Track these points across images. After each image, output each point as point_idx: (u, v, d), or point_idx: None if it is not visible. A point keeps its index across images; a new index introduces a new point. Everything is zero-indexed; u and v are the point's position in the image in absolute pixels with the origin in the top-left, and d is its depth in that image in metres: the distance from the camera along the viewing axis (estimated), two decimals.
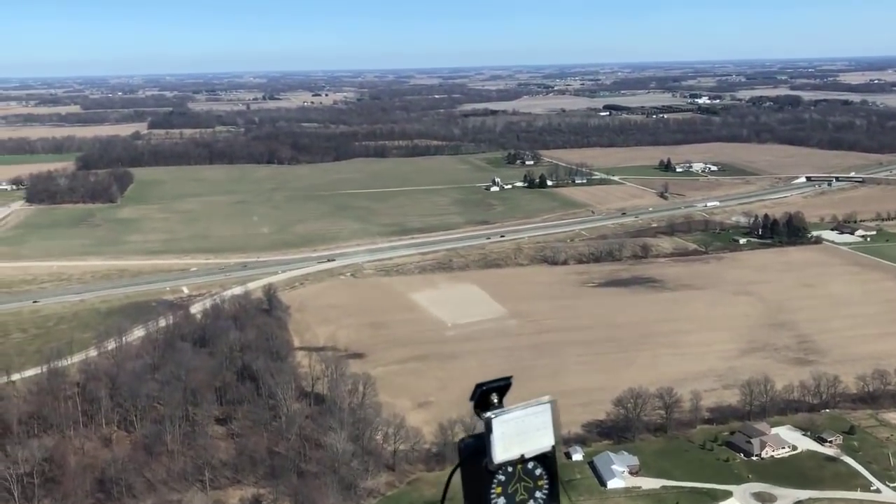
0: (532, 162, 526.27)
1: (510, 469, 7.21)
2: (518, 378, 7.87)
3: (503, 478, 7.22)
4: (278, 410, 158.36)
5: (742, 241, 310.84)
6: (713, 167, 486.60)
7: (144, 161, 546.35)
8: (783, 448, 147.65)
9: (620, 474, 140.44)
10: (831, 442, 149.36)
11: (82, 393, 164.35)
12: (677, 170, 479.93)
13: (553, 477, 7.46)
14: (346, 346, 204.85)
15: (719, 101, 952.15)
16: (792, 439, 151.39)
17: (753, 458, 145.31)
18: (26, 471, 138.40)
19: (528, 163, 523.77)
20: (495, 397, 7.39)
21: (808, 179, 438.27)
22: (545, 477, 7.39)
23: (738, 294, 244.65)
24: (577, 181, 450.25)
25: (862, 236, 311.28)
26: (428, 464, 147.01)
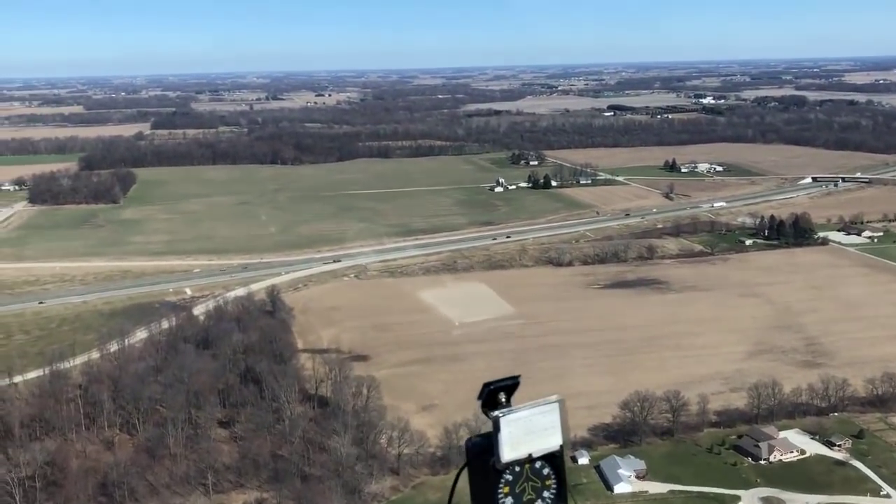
0: (536, 162, 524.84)
1: (518, 468, 7.09)
2: (524, 380, 7.73)
3: (511, 477, 7.09)
4: (282, 413, 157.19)
5: (748, 243, 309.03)
6: (718, 168, 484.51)
7: (147, 161, 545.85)
8: (791, 452, 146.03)
9: (627, 479, 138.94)
10: (840, 446, 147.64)
11: (84, 395, 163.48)
12: (682, 170, 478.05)
13: (561, 477, 7.37)
14: (350, 349, 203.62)
15: (724, 102, 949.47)
16: (800, 443, 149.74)
17: (761, 463, 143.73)
18: (28, 474, 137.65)
19: (533, 163, 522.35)
20: (503, 396, 7.28)
21: (814, 180, 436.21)
22: (553, 477, 7.29)
23: (745, 296, 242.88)
24: (582, 182, 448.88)
25: (869, 237, 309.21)
26: (433, 468, 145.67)
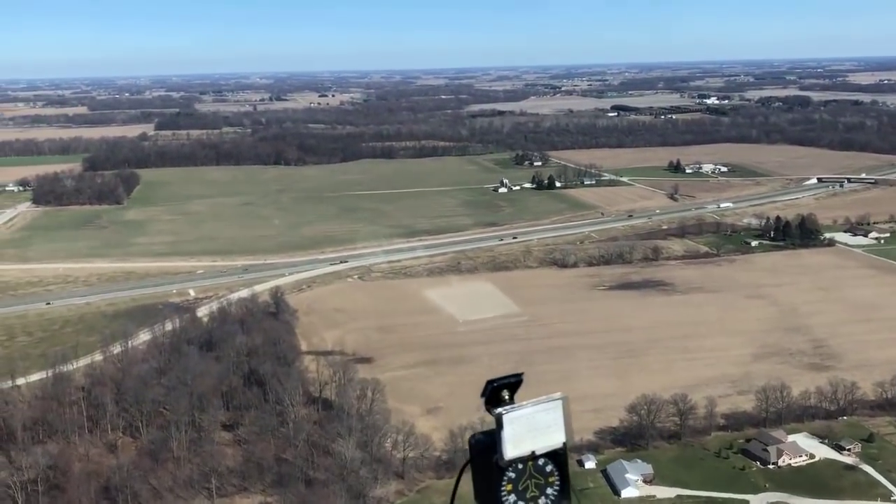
0: (540, 163, 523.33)
1: (521, 466, 7.06)
2: (529, 383, 7.52)
3: (514, 475, 7.06)
4: (286, 416, 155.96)
5: (754, 244, 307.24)
6: (723, 168, 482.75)
7: (151, 162, 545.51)
8: (800, 456, 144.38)
9: (634, 483, 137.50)
10: (850, 450, 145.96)
11: (87, 398, 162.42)
12: (687, 171, 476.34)
13: (564, 474, 7.30)
14: (354, 351, 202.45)
15: (728, 102, 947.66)
16: (809, 447, 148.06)
17: (770, 467, 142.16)
18: (31, 477, 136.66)
19: (536, 164, 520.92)
20: (506, 394, 7.20)
21: (820, 181, 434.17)
22: (556, 474, 7.24)
23: (751, 297, 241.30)
24: (586, 182, 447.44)
25: (876, 238, 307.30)
26: (438, 471, 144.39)
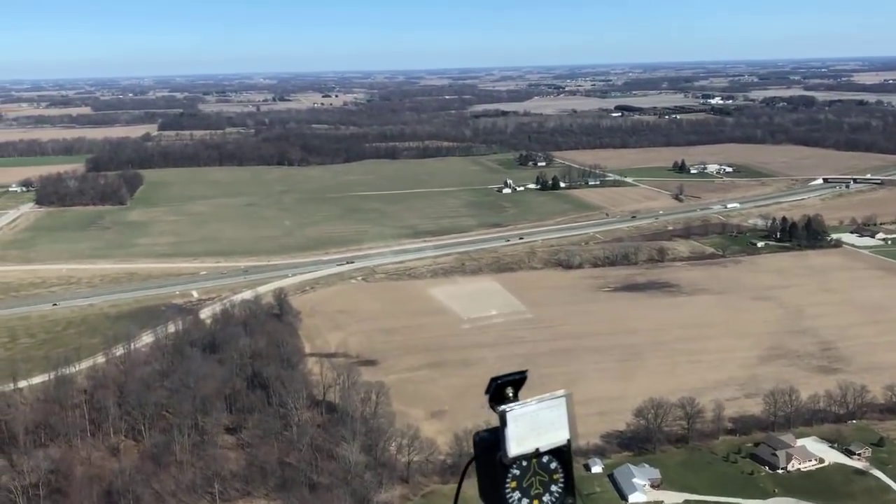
0: (544, 163, 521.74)
1: (525, 463, 7.07)
2: (534, 386, 7.44)
3: (518, 472, 7.07)
4: (289, 420, 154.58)
5: (760, 245, 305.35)
6: (728, 168, 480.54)
7: (154, 163, 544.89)
8: (810, 461, 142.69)
9: (642, 488, 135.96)
10: (860, 454, 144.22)
11: (90, 401, 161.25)
12: (692, 171, 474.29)
13: (568, 471, 7.31)
14: (358, 353, 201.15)
15: (732, 102, 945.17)
16: (818, 451, 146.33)
17: (779, 472, 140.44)
18: (32, 481, 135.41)
19: (540, 164, 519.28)
20: (510, 391, 7.19)
21: (826, 181, 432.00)
22: (560, 471, 7.24)
23: (758, 299, 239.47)
24: (591, 183, 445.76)
25: (883, 239, 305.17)
26: (443, 476, 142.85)
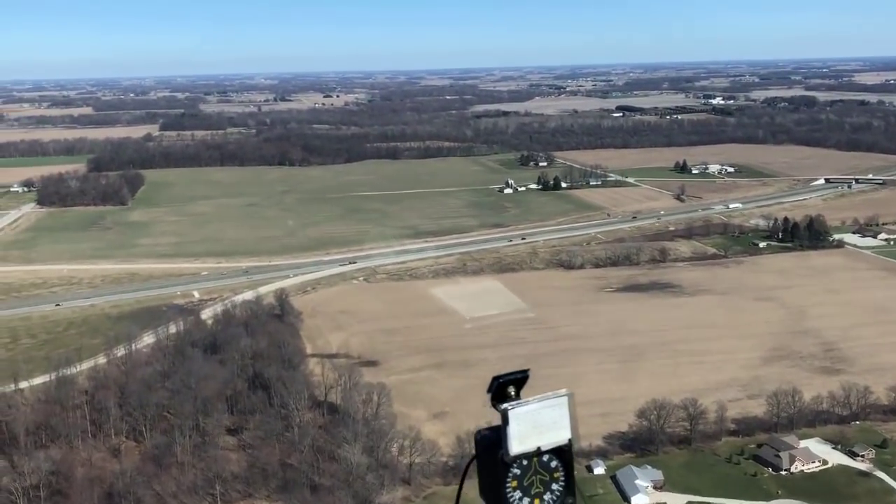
0: (545, 163, 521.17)
1: (526, 462, 7.09)
2: (536, 387, 7.49)
3: (519, 471, 7.10)
4: (291, 421, 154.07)
5: (762, 245, 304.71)
6: (729, 169, 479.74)
7: (156, 163, 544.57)
8: (813, 462, 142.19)
9: (644, 489, 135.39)
10: (863, 456, 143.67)
11: (91, 402, 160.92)
12: (693, 171, 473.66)
13: (569, 470, 7.32)
14: (360, 354, 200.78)
15: (733, 102, 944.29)
16: (822, 453, 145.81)
17: (782, 473, 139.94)
18: (33, 483, 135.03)
19: (542, 164, 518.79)
20: (512, 390, 7.22)
21: (827, 181, 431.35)
22: (561, 470, 7.25)
23: (760, 300, 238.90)
24: (592, 183, 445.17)
25: (885, 240, 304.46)
26: (445, 477, 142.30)
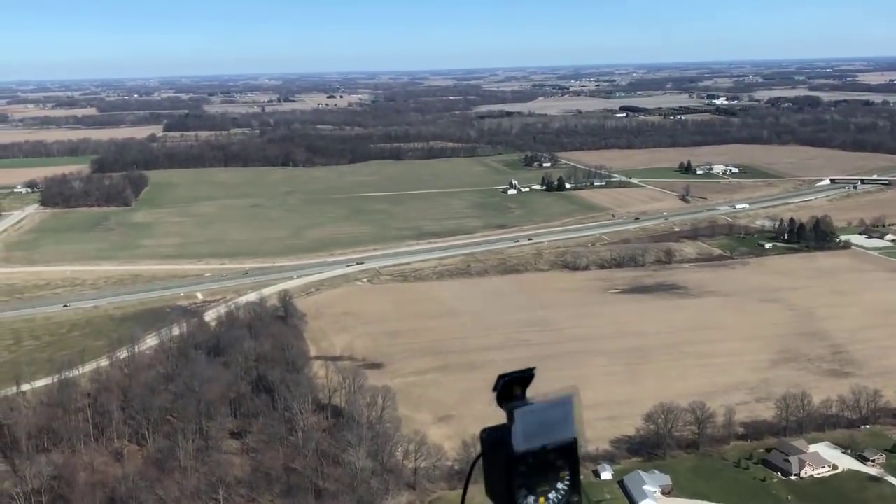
0: (549, 164, 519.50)
1: (531, 460, 7.06)
2: (542, 391, 7.46)
3: (524, 469, 7.07)
4: (295, 424, 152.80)
5: (768, 246, 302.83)
6: (734, 169, 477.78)
7: (159, 164, 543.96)
8: (823, 467, 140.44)
9: (652, 495, 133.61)
10: (874, 461, 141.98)
11: (93, 405, 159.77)
12: (698, 172, 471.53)
13: (575, 469, 7.32)
14: (364, 356, 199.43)
15: (737, 102, 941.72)
16: (832, 457, 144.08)
17: (792, 478, 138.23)
18: (34, 487, 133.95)
19: (546, 165, 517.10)
20: (518, 389, 7.19)
21: (833, 182, 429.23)
22: (567, 469, 7.23)
23: (766, 301, 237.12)
24: (596, 184, 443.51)
25: (892, 241, 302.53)
26: (450, 482, 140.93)
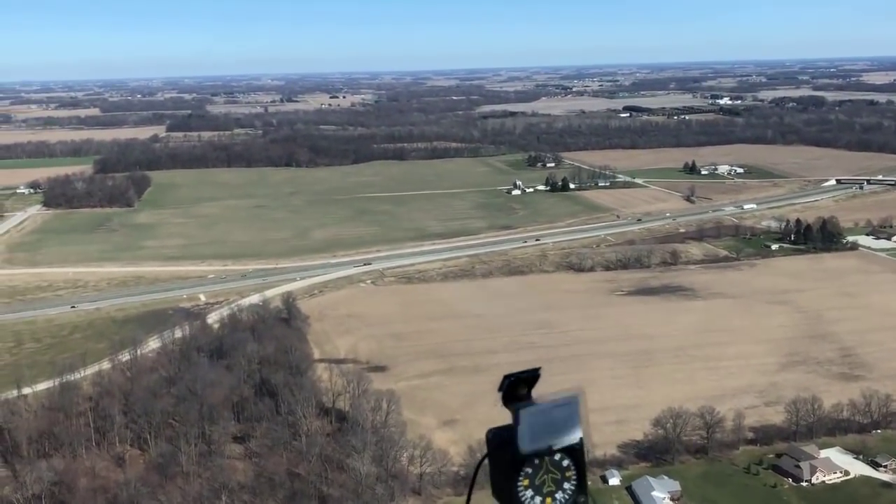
0: (553, 164, 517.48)
1: (537, 460, 7.12)
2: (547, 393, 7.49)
3: (530, 469, 7.12)
4: (298, 429, 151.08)
5: (774, 247, 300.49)
6: (739, 169, 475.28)
7: (162, 164, 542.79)
8: (835, 473, 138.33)
9: (661, 501, 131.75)
10: (886, 466, 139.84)
11: (95, 409, 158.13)
12: (702, 172, 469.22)
13: (581, 469, 7.32)
14: (368, 359, 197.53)
15: (741, 102, 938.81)
16: (843, 463, 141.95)
17: (803, 484, 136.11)
18: (35, 493, 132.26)
19: (549, 165, 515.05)
20: (524, 389, 7.23)
21: (839, 182, 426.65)
22: (573, 469, 7.24)
23: (774, 303, 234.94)
24: (600, 184, 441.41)
25: None
26: (456, 487, 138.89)
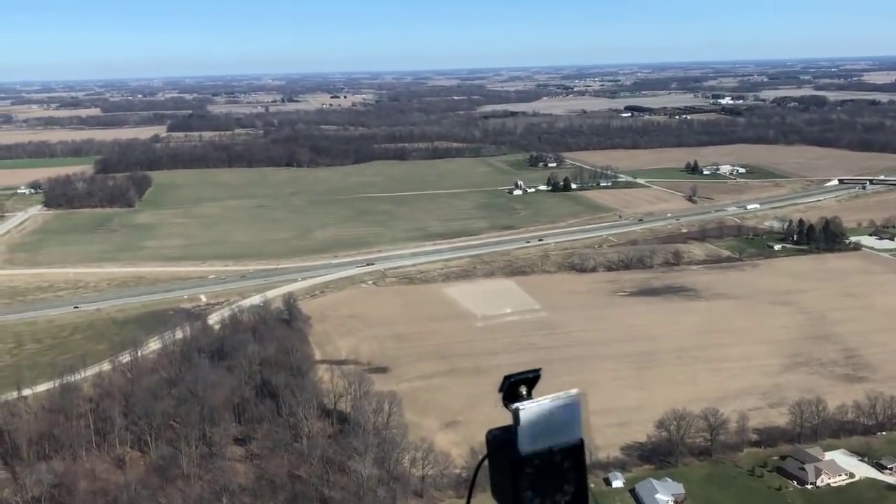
0: (554, 164, 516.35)
1: (537, 461, 7.05)
2: (547, 394, 7.41)
3: (530, 470, 7.05)
4: (299, 431, 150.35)
5: (777, 248, 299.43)
6: (741, 169, 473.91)
7: (163, 164, 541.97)
8: (840, 475, 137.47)
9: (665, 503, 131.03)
10: (891, 469, 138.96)
11: (95, 410, 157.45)
12: (704, 172, 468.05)
13: (581, 471, 7.24)
14: (369, 360, 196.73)
15: (743, 102, 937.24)
16: (848, 465, 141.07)
17: (808, 487, 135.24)
18: (35, 496, 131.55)
19: (551, 165, 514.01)
20: (524, 389, 7.19)
21: (841, 182, 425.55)
22: (573, 470, 7.17)
23: (777, 304, 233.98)
24: (602, 184, 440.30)
25: None
26: (458, 490, 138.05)
